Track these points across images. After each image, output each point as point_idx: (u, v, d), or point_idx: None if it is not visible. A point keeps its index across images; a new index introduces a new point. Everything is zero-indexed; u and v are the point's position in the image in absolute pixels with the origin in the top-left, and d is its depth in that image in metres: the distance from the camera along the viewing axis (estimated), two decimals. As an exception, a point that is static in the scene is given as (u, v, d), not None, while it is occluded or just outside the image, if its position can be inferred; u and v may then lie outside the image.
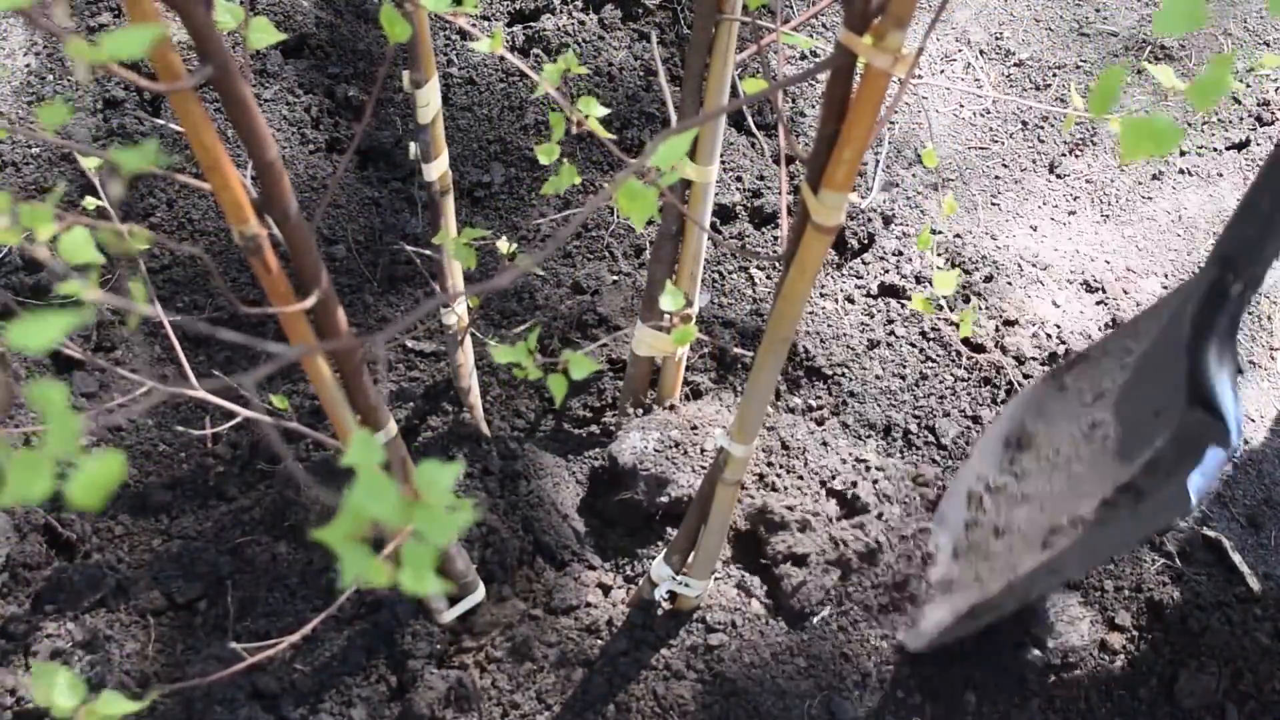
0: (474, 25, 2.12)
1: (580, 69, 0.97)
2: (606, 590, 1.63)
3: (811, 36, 2.20)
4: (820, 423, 1.84)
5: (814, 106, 2.10)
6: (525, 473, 1.66)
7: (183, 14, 0.66)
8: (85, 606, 1.55)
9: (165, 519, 1.65)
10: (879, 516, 1.70)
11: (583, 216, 0.56)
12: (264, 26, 0.78)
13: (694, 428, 1.72)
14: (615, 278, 1.89)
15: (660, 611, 1.58)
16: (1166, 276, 2.04)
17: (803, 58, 2.18)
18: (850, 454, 1.78)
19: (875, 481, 1.74)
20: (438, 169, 1.40)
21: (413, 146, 1.39)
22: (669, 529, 1.68)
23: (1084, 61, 2.28)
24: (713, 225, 1.97)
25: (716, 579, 1.64)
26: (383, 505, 0.47)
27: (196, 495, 1.68)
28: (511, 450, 1.68)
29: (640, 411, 1.74)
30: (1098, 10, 2.34)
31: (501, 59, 2.08)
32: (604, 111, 0.98)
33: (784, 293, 1.01)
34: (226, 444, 1.71)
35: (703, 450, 1.70)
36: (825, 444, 1.79)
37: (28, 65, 2.01)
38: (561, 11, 2.14)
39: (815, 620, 1.63)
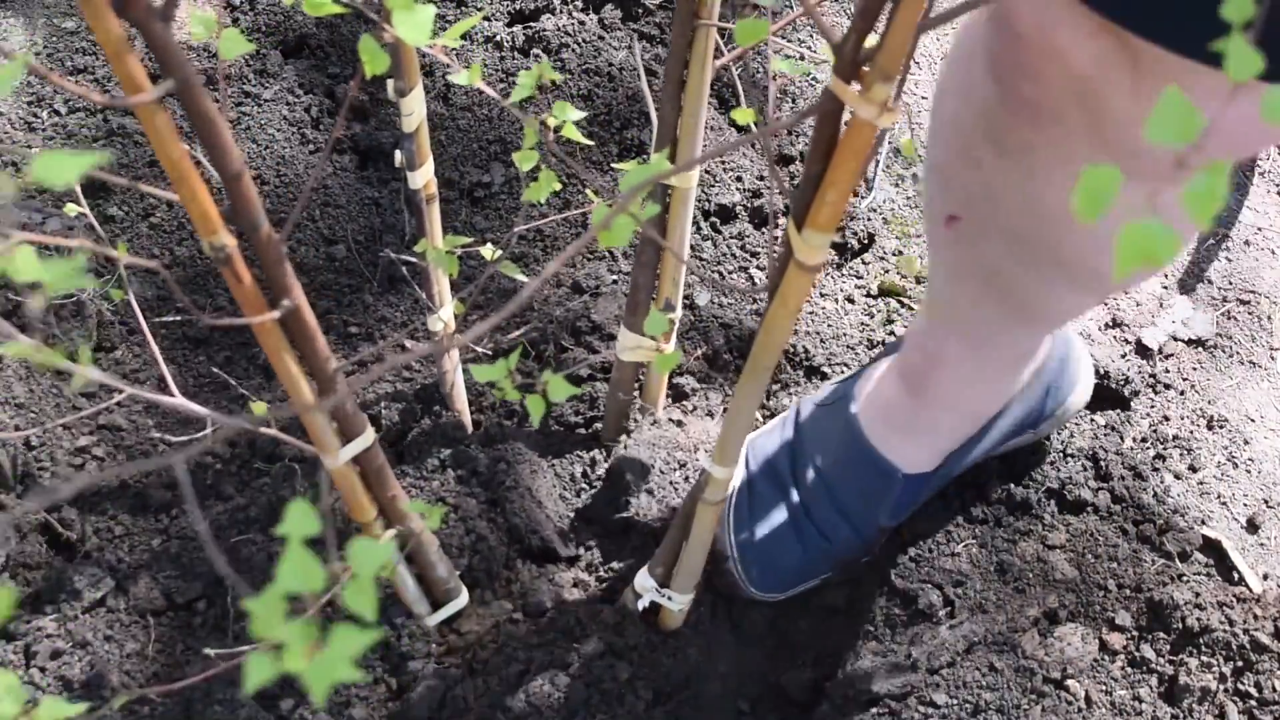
0: (473, 26, 2.12)
1: (555, 75, 0.97)
2: (590, 596, 1.63)
3: (795, 42, 2.20)
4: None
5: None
6: (512, 476, 1.66)
7: (141, 29, 0.66)
8: (85, 606, 1.56)
9: (165, 519, 1.66)
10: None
11: (564, 259, 0.56)
12: (234, 37, 0.78)
13: (683, 431, 1.72)
14: (615, 278, 1.89)
15: (644, 622, 1.59)
16: (1166, 276, 2.03)
17: (801, 57, 2.18)
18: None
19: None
20: (423, 176, 1.41)
21: (398, 154, 1.40)
22: (655, 536, 1.68)
23: (1084, 60, 2.27)
24: (713, 226, 1.97)
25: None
26: (291, 632, 0.46)
27: (195, 494, 1.68)
28: (499, 453, 1.68)
29: (627, 417, 1.74)
30: (1098, 9, 2.33)
31: (501, 58, 2.08)
32: (579, 115, 0.98)
33: (766, 324, 1.01)
34: (225, 443, 1.72)
35: (695, 458, 1.70)
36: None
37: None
38: (561, 11, 2.14)
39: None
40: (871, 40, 0.77)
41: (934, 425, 1.62)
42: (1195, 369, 1.93)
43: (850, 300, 1.95)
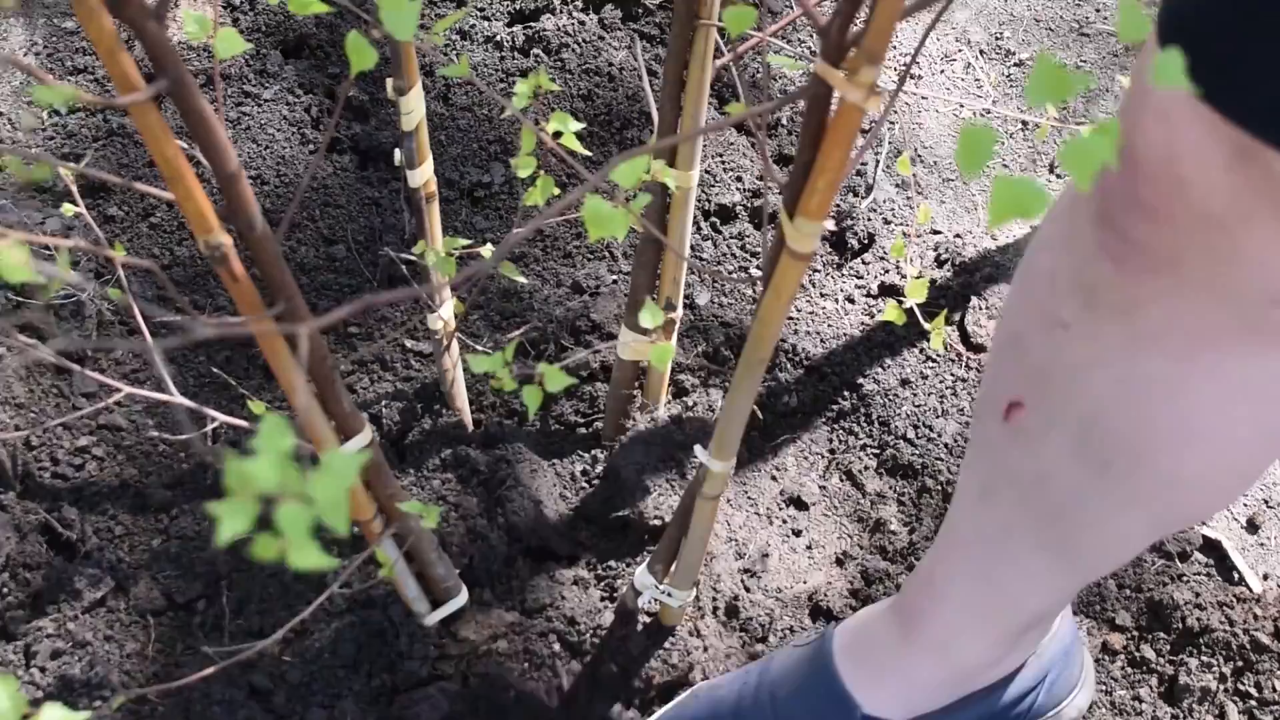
0: (473, 26, 2.13)
1: (552, 86, 0.97)
2: (591, 596, 1.63)
3: (795, 42, 2.20)
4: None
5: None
6: (512, 475, 1.66)
7: (135, 28, 0.67)
8: (85, 606, 1.56)
9: (165, 518, 1.66)
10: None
11: (535, 224, 0.56)
12: (230, 37, 0.78)
13: (681, 429, 1.72)
14: (615, 277, 1.90)
15: (644, 620, 1.59)
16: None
17: (801, 57, 2.18)
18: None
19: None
20: (422, 175, 1.41)
21: (397, 153, 1.40)
22: (654, 534, 1.68)
23: (1084, 61, 2.27)
24: (713, 225, 1.97)
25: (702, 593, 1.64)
26: (270, 474, 0.46)
27: (195, 494, 1.68)
28: (499, 452, 1.68)
29: (627, 416, 1.74)
30: (1098, 10, 2.33)
31: (501, 58, 2.09)
32: (578, 126, 0.98)
33: (760, 316, 1.00)
34: (225, 442, 1.72)
35: (693, 456, 1.70)
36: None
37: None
38: (561, 11, 2.14)
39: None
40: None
41: (913, 672, 1.42)
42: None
43: (850, 300, 1.95)
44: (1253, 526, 1.79)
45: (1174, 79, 0.50)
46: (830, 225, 2.00)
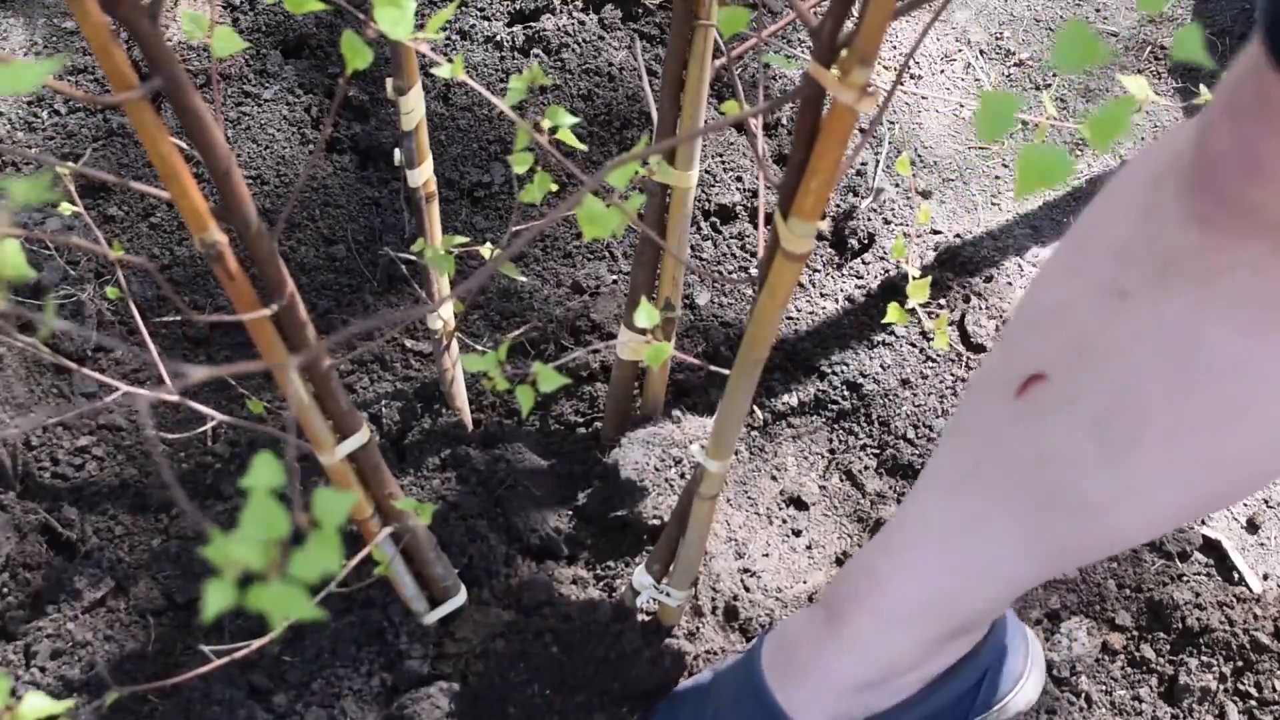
0: (473, 26, 2.13)
1: (546, 80, 0.97)
2: (590, 595, 1.63)
3: (795, 42, 2.20)
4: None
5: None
6: (512, 474, 1.66)
7: (128, 26, 0.67)
8: (85, 606, 1.56)
9: (165, 518, 1.66)
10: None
11: (539, 227, 0.56)
12: (227, 36, 0.78)
13: (680, 429, 1.72)
14: (615, 277, 1.89)
15: (643, 619, 1.59)
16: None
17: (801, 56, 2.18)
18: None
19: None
20: (422, 175, 1.41)
21: (397, 153, 1.40)
22: (653, 534, 1.68)
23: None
24: (713, 225, 1.97)
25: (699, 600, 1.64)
26: (248, 547, 0.46)
27: (196, 494, 1.68)
28: (499, 451, 1.68)
29: (626, 416, 1.74)
30: (1098, 10, 2.33)
31: (501, 58, 2.09)
32: (573, 120, 0.98)
33: (755, 317, 1.00)
34: (225, 442, 1.72)
35: (692, 455, 1.70)
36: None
37: (28, 67, 2.02)
38: (561, 11, 2.14)
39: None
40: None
41: (831, 669, 1.38)
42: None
43: (850, 300, 1.94)
44: (1253, 526, 1.79)
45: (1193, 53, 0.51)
46: (824, 227, 2.00)
